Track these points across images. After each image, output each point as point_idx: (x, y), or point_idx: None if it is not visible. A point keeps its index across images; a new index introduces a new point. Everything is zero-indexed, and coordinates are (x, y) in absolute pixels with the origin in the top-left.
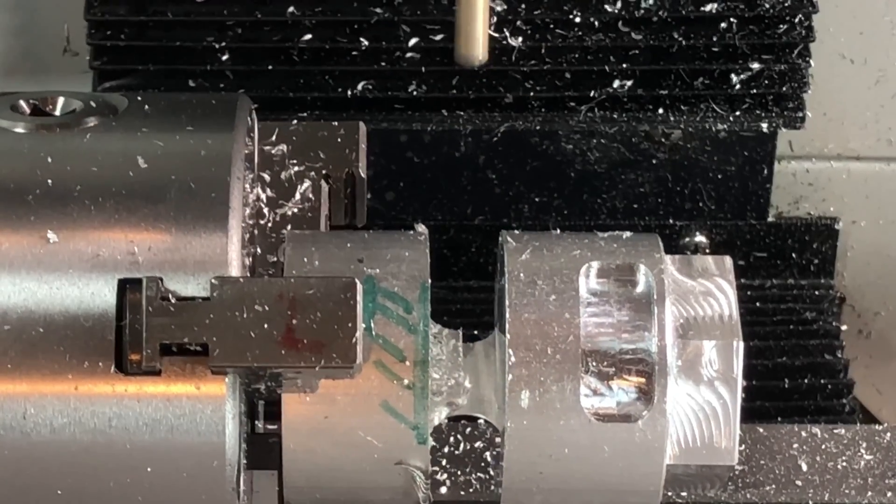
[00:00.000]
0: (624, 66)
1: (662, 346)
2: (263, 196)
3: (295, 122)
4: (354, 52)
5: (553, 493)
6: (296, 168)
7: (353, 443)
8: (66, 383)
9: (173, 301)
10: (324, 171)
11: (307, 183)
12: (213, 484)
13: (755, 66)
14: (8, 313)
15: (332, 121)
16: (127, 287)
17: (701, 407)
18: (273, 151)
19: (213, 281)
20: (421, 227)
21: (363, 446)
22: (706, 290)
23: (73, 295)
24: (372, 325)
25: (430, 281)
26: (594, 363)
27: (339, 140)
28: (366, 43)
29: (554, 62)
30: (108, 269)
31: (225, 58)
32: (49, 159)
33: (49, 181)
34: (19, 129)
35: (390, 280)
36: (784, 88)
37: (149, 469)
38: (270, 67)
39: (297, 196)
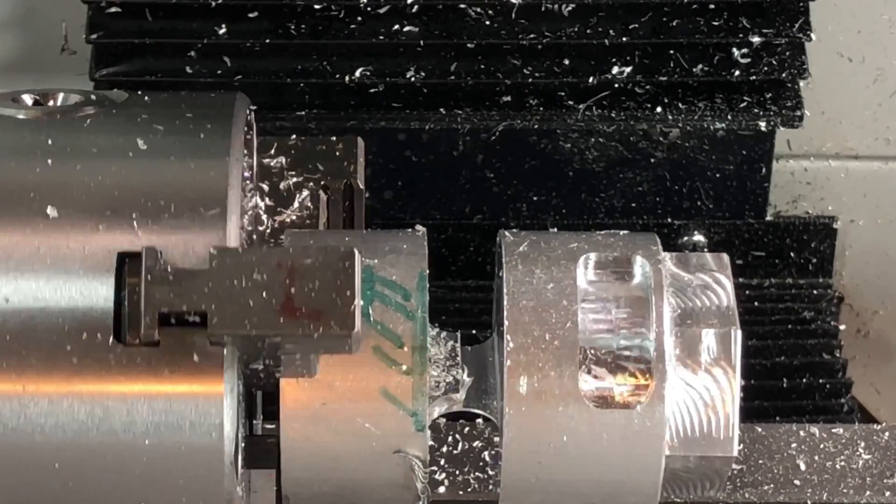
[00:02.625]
0: (624, 39)
1: (660, 332)
2: (262, 204)
3: (294, 136)
4: (353, 25)
5: (552, 483)
6: (294, 179)
7: (351, 430)
8: (66, 366)
9: (171, 270)
10: (322, 183)
11: (306, 192)
12: (211, 483)
13: (755, 39)
14: (6, 286)
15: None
16: (126, 260)
17: (700, 396)
18: (272, 164)
19: (211, 251)
20: (419, 228)
21: (361, 433)
22: (704, 283)
23: (73, 270)
24: (370, 311)
25: (427, 270)
26: (592, 350)
27: (337, 154)
28: (363, 0)
29: (553, 35)
30: (107, 244)
31: (222, 31)
32: (49, 141)
33: (49, 160)
34: (21, 116)
35: (388, 269)
36: (784, 74)
37: (147, 468)
38: (268, 41)
39: (296, 204)
